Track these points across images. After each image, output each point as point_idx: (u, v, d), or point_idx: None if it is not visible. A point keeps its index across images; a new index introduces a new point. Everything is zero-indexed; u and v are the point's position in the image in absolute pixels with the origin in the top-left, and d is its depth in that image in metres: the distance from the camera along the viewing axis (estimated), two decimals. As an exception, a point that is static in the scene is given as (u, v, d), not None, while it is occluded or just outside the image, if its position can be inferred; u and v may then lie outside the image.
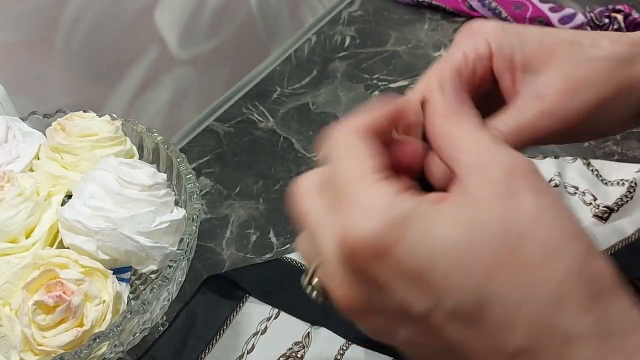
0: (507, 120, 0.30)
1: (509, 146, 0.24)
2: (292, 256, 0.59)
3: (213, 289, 0.57)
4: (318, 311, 0.54)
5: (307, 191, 0.26)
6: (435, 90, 0.27)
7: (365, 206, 0.22)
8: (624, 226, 0.55)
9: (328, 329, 0.53)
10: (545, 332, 0.20)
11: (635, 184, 0.59)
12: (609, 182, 0.62)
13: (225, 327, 0.55)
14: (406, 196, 0.23)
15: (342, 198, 0.23)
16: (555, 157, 0.65)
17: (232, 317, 0.55)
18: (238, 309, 0.56)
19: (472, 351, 0.22)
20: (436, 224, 0.21)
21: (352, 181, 0.23)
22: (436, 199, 0.23)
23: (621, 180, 0.62)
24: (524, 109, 0.30)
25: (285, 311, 0.55)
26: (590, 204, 0.60)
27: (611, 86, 0.30)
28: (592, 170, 0.64)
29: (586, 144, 0.71)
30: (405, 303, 0.22)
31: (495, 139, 0.24)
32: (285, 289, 0.56)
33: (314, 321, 0.54)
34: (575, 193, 0.61)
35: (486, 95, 0.32)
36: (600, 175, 0.63)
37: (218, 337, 0.54)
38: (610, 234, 0.55)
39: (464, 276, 0.21)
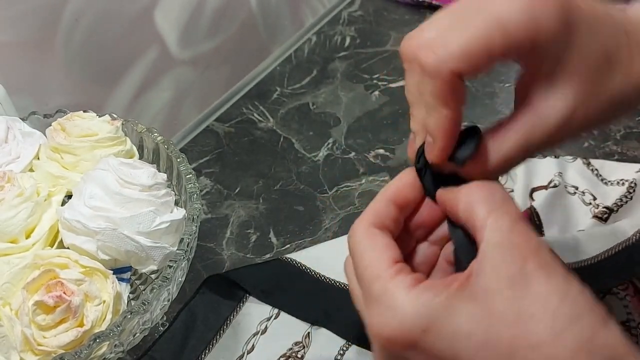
0: (514, 143, 0.28)
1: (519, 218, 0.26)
2: (292, 256, 0.59)
3: (213, 289, 0.57)
4: (318, 311, 0.54)
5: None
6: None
7: (390, 304, 0.25)
8: (625, 228, 0.55)
9: (328, 329, 0.53)
10: None
11: (635, 184, 0.59)
12: (609, 181, 0.62)
13: (225, 327, 0.55)
14: (424, 289, 0.25)
15: (369, 293, 0.26)
16: (555, 157, 0.65)
17: (232, 317, 0.55)
18: (238, 309, 0.56)
19: None
20: (455, 317, 0.24)
21: (373, 277, 0.26)
22: (452, 286, 0.25)
23: (621, 180, 0.62)
24: (532, 132, 0.28)
25: (285, 311, 0.55)
26: (590, 203, 0.60)
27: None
28: (592, 170, 0.64)
29: (586, 143, 0.71)
30: None
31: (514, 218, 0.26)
32: (285, 289, 0.56)
33: (314, 321, 0.54)
34: (575, 193, 0.61)
35: None
36: (600, 175, 0.63)
37: (218, 337, 0.54)
38: (610, 235, 0.55)
39: None
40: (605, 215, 0.58)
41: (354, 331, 0.52)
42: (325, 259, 0.58)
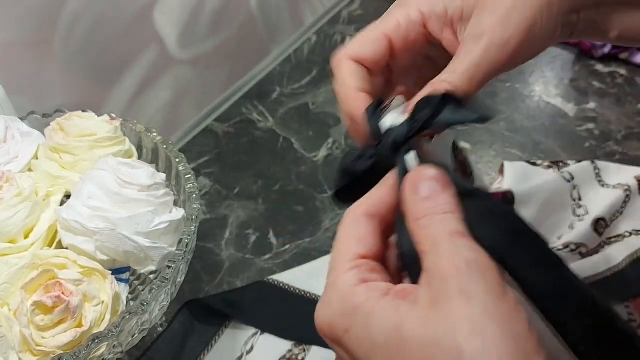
0: (456, 67, 0.32)
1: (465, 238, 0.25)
2: (275, 277, 0.58)
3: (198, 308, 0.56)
4: (307, 330, 0.53)
5: None
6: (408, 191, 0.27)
7: (327, 299, 0.26)
8: (614, 255, 0.55)
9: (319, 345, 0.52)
10: None
11: (629, 197, 0.60)
12: (607, 184, 0.62)
13: (224, 327, 0.54)
14: (362, 289, 0.25)
15: (327, 279, 0.27)
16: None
17: (229, 321, 0.55)
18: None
19: None
20: (374, 326, 0.24)
21: (331, 268, 0.27)
22: (378, 293, 0.25)
23: (618, 184, 0.61)
24: (468, 52, 0.32)
25: (271, 333, 0.54)
26: (574, 200, 0.60)
27: (535, 6, 0.32)
28: (594, 168, 0.64)
29: (587, 144, 0.70)
30: None
31: (455, 235, 0.25)
32: (270, 309, 0.55)
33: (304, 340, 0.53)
34: (569, 181, 0.62)
35: (431, 59, 0.36)
36: (600, 176, 0.63)
37: (217, 337, 0.54)
38: (599, 262, 0.55)
39: None
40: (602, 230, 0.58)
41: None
42: (308, 277, 0.57)
